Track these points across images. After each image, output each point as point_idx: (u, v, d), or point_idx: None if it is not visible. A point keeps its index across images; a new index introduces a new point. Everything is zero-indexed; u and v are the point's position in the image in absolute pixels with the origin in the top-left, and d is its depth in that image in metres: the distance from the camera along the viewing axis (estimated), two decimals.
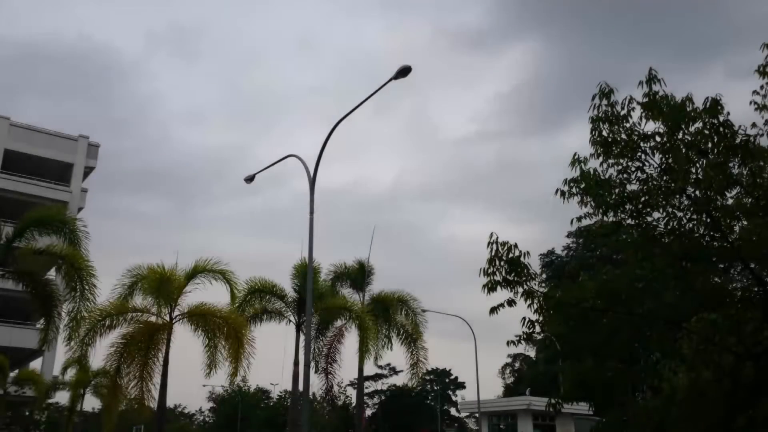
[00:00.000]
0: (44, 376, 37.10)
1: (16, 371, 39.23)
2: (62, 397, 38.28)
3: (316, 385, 25.42)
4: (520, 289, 9.93)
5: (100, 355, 20.12)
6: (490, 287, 9.86)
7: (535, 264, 10.30)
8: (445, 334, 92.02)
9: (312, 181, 17.03)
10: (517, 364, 71.08)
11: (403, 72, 15.21)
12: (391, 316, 26.68)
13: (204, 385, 67.80)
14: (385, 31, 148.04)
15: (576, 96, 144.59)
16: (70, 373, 32.16)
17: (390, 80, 15.42)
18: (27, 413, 48.37)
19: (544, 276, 42.50)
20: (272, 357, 26.92)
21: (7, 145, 42.82)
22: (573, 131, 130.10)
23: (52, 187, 43.88)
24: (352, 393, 65.18)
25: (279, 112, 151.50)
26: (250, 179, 20.22)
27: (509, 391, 64.61)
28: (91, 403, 49.55)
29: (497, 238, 9.87)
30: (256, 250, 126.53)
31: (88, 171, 46.48)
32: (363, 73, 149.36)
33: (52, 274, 24.18)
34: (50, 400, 46.51)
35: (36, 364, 43.12)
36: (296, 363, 21.92)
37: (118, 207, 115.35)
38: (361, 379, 27.81)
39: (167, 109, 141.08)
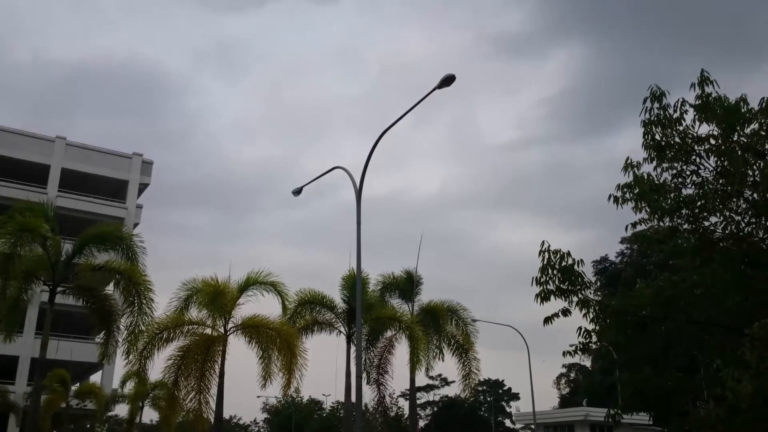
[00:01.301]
0: (104, 389, 38.08)
1: (77, 384, 40.43)
2: (122, 410, 39.33)
3: (368, 395, 25.42)
4: (575, 298, 9.77)
5: (157, 367, 20.53)
6: (543, 297, 9.73)
7: (588, 271, 10.14)
8: (495, 343, 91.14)
9: (358, 193, 17.13)
10: (572, 374, 69.78)
11: (447, 81, 15.18)
12: (442, 326, 26.48)
13: (258, 396, 68.78)
14: (425, 39, 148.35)
15: (624, 99, 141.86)
16: (129, 386, 32.93)
17: (434, 89, 15.42)
18: (88, 426, 49.72)
19: (598, 284, 41.62)
20: (324, 368, 27.07)
21: (65, 164, 44.38)
22: (622, 135, 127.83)
23: (108, 204, 45.28)
24: (404, 404, 64.92)
25: (322, 123, 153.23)
26: (297, 192, 20.46)
27: (565, 401, 63.49)
28: (149, 415, 50.74)
29: (549, 246, 9.74)
30: (303, 261, 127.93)
31: (142, 187, 47.79)
32: (404, 82, 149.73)
33: (110, 289, 24.92)
34: (110, 413, 47.79)
35: (96, 378, 44.36)
36: (348, 374, 21.98)
37: (170, 221, 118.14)
38: (413, 390, 27.67)
39: (215, 124, 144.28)
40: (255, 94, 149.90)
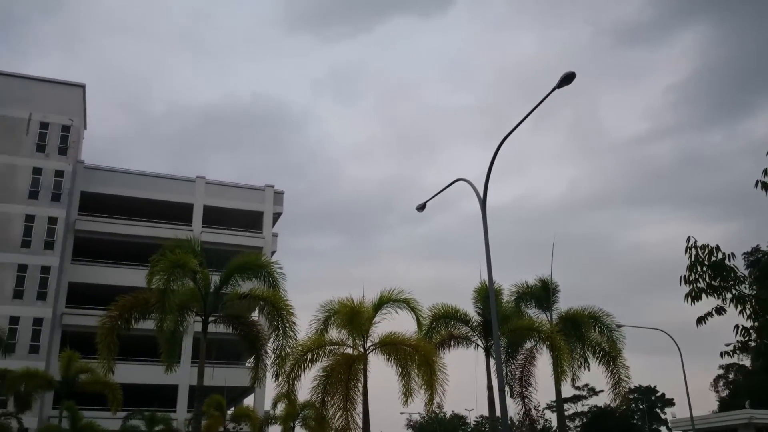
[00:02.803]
0: (257, 412, 39.90)
1: (233, 408, 42.69)
2: (275, 431, 40.94)
3: (513, 409, 24.90)
4: (729, 295, 9.09)
5: (305, 388, 21.22)
6: (694, 296, 9.12)
7: (740, 265, 9.40)
8: (643, 348, 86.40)
9: (483, 203, 16.95)
10: (731, 375, 64.75)
11: (567, 79, 14.72)
12: (584, 334, 25.50)
13: (401, 413, 69.32)
14: (538, 40, 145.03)
15: (758, 78, 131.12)
16: (280, 408, 34.17)
17: (554, 89, 15.01)
18: None
19: (752, 277, 38.49)
20: (464, 382, 26.83)
21: (206, 201, 47.57)
22: (759, 116, 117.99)
23: (247, 235, 47.92)
24: (550, 416, 63.09)
25: (440, 136, 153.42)
26: (421, 207, 20.57)
27: (725, 405, 58.93)
28: None
29: (695, 242, 9.13)
30: (431, 276, 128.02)
31: (276, 216, 50.14)
32: (520, 86, 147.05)
33: (255, 315, 26.22)
34: None
35: (249, 401, 46.70)
36: (490, 388, 21.67)
37: (302, 246, 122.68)
38: (560, 402, 26.82)
39: (336, 150, 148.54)
40: (371, 115, 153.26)
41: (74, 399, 31.46)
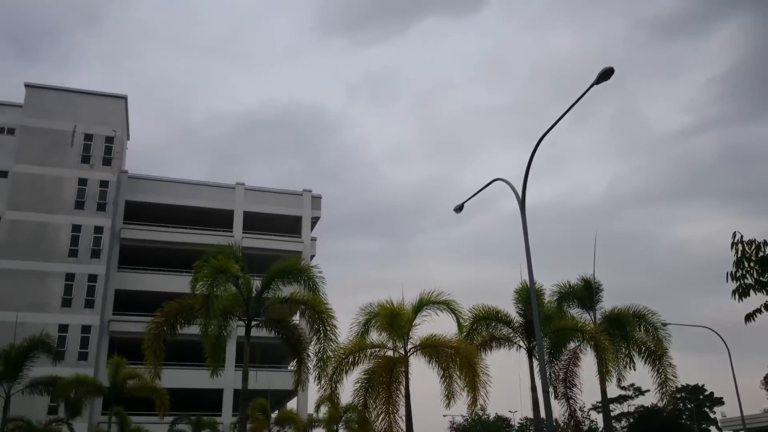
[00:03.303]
0: (301, 415, 40.22)
1: (276, 412, 43.10)
2: None
3: (557, 410, 24.62)
4: None
5: (347, 391, 21.32)
6: (741, 292, 8.89)
7: None
8: (690, 347, 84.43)
9: (522, 203, 16.82)
10: None
11: (606, 75, 14.52)
12: (629, 334, 25.11)
13: (444, 415, 69.11)
14: (574, 36, 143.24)
15: None
16: (323, 411, 34.36)
17: (592, 85, 14.82)
18: None
19: None
20: (507, 383, 26.63)
21: (246, 207, 48.24)
22: None
23: (286, 239, 48.41)
24: (596, 417, 62.20)
25: (476, 137, 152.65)
26: (459, 209, 20.51)
27: None
28: None
29: (741, 237, 8.92)
30: (470, 277, 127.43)
31: (314, 221, 50.55)
32: (556, 84, 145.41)
33: (295, 318, 26.45)
34: None
35: (292, 404, 47.13)
36: (533, 389, 21.45)
37: (340, 249, 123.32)
38: (605, 402, 26.40)
39: (371, 153, 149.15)
40: (406, 117, 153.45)
41: (123, 404, 32.17)
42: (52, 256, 41.72)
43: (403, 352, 20.81)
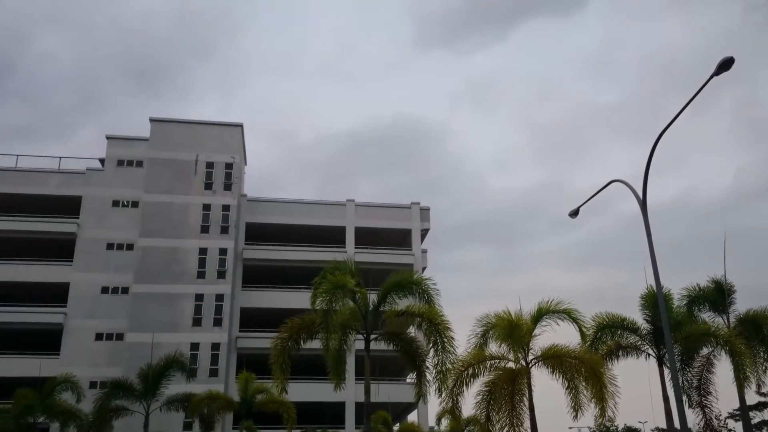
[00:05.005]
0: (422, 428, 40.33)
1: (397, 424, 43.46)
2: None
3: (692, 419, 23.31)
4: None
5: (468, 403, 21.16)
6: None
7: None
8: None
9: (643, 204, 16.21)
10: None
11: (726, 65, 13.83)
12: (767, 337, 23.49)
13: (570, 428, 66.87)
14: (684, 25, 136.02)
15: None
16: (444, 423, 34.28)
17: (712, 77, 14.11)
18: None
19: None
20: (636, 393, 25.51)
21: (357, 223, 49.27)
22: None
23: (397, 252, 48.94)
24: (734, 426, 58.06)
25: (587, 137, 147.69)
26: (574, 213, 20.01)
27: None
28: None
29: None
30: (589, 283, 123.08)
31: (424, 233, 50.78)
32: (669, 77, 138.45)
33: (411, 331, 26.63)
34: None
35: (412, 417, 47.31)
36: (665, 398, 20.43)
37: (451, 260, 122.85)
38: (744, 410, 24.74)
39: (477, 161, 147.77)
40: (511, 123, 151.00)
41: (252, 418, 33.57)
42: (182, 279, 44.36)
43: (524, 364, 20.43)
